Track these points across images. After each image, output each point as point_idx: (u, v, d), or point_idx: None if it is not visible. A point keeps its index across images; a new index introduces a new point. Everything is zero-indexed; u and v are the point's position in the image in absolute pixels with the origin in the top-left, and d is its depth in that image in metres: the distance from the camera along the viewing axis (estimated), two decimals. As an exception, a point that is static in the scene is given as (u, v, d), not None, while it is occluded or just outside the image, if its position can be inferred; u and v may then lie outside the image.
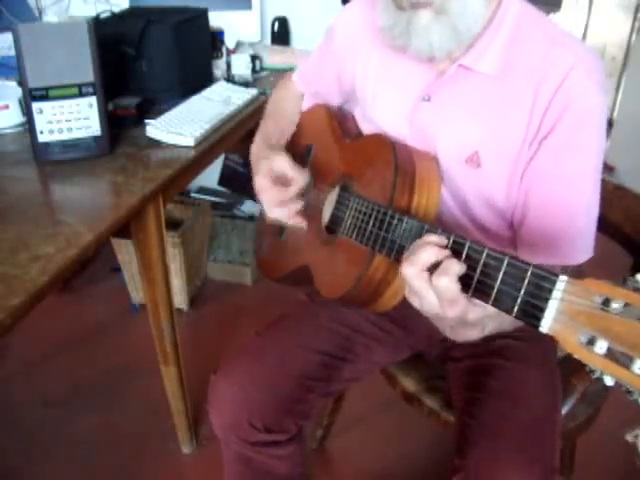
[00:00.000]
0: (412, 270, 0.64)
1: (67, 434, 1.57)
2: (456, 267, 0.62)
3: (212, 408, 0.98)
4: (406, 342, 1.07)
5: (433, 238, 0.66)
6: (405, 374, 1.11)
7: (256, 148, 1.05)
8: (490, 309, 0.63)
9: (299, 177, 0.93)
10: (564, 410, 1.00)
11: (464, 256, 0.64)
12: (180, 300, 2.00)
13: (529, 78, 0.79)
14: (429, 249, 0.64)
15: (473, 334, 0.74)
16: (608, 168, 0.76)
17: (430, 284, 0.63)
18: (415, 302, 0.67)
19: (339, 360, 1.01)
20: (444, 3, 0.76)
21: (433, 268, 0.63)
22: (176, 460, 1.51)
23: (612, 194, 0.83)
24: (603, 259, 0.84)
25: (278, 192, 0.94)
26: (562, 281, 0.54)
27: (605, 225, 0.84)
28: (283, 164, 0.93)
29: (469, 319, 0.66)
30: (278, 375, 0.96)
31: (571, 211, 0.81)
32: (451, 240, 0.66)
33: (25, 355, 1.83)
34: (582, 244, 0.83)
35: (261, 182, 0.95)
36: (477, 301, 0.64)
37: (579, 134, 0.79)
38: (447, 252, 0.64)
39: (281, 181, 0.94)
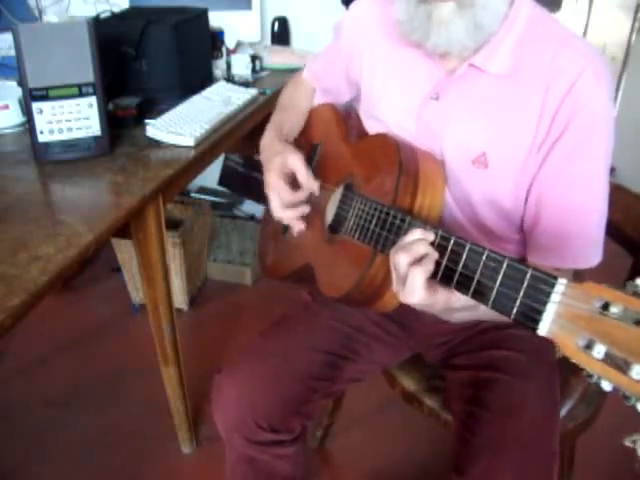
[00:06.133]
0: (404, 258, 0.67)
1: (67, 434, 1.57)
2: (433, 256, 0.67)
3: (216, 408, 0.98)
4: (406, 343, 1.07)
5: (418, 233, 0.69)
6: (405, 374, 1.11)
7: (268, 140, 1.04)
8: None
9: (310, 184, 0.93)
10: (563, 411, 1.00)
11: (464, 257, 0.64)
12: (180, 300, 2.00)
13: (539, 79, 0.79)
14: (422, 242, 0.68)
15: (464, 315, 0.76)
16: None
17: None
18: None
19: (342, 359, 1.01)
20: None
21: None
22: (176, 460, 1.51)
23: (612, 194, 0.83)
24: (603, 259, 0.84)
25: (287, 194, 0.94)
26: (561, 284, 0.53)
27: (605, 225, 0.84)
28: (297, 163, 0.94)
29: (455, 307, 0.68)
30: (283, 375, 0.96)
31: (583, 214, 0.81)
32: (452, 241, 0.66)
33: (25, 355, 1.83)
34: (593, 246, 0.83)
35: (273, 178, 0.95)
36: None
37: (589, 137, 0.78)
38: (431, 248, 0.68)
39: (291, 179, 0.94)
